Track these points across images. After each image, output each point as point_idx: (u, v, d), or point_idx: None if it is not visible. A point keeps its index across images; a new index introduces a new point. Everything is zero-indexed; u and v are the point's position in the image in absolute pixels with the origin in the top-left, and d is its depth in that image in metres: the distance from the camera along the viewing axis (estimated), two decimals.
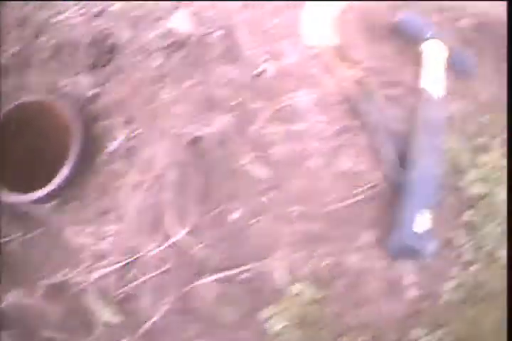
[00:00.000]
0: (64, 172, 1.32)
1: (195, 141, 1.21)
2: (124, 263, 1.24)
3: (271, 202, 1.23)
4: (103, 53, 1.41)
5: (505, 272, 1.48)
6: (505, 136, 1.53)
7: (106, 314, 1.24)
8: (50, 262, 1.37)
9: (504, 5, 1.66)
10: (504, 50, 1.64)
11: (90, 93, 1.38)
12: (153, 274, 1.21)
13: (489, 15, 1.77)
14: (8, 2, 1.61)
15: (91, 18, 1.46)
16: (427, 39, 1.52)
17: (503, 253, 1.47)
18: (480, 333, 1.45)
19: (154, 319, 1.21)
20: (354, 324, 1.28)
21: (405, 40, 1.55)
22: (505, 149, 1.51)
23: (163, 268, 1.20)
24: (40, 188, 1.34)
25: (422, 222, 1.26)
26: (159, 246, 1.20)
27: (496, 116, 1.54)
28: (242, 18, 1.39)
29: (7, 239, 1.41)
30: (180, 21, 1.36)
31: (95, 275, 1.27)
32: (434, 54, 1.51)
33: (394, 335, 1.34)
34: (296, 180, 1.25)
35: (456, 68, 1.55)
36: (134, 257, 1.23)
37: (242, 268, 1.19)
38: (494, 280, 1.45)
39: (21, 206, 1.41)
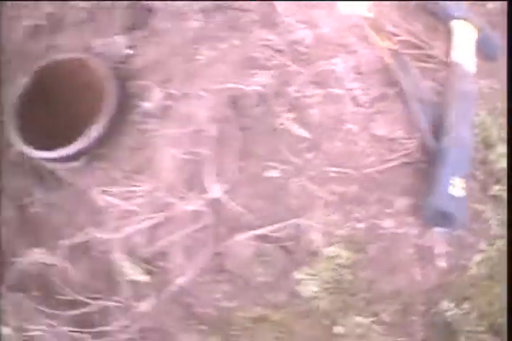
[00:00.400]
0: (94, 129, 1.32)
1: (235, 98, 1.23)
2: (155, 220, 1.23)
3: (308, 162, 1.24)
4: (140, 15, 1.43)
5: None
6: None
7: (134, 273, 1.23)
8: (74, 222, 1.35)
9: None
10: None
11: (126, 53, 1.40)
12: (186, 232, 1.20)
13: None
14: None
15: None
16: (456, 18, 1.58)
17: None
18: (503, 310, 1.47)
19: (184, 278, 1.21)
20: (386, 291, 1.29)
21: (436, 18, 1.61)
22: None
23: (197, 226, 1.20)
24: (69, 145, 1.34)
25: (456, 188, 1.28)
26: (194, 203, 1.20)
27: None
28: None
29: (31, 198, 1.40)
30: None
31: (122, 233, 1.26)
32: (464, 32, 1.56)
33: (423, 306, 1.35)
34: (332, 142, 1.27)
35: (483, 49, 1.61)
36: (167, 214, 1.22)
37: (277, 226, 1.20)
38: None
39: (47, 165, 1.40)
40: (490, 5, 1.74)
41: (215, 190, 1.18)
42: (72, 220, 1.36)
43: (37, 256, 1.31)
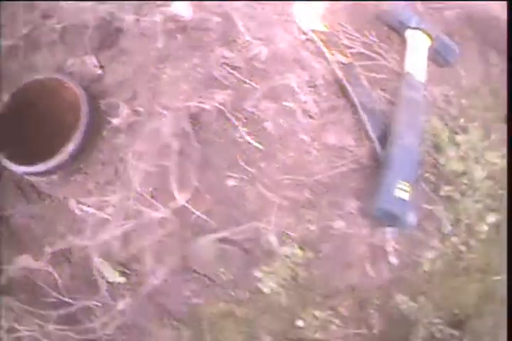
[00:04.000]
0: (71, 145, 1.66)
1: (196, 114, 1.56)
2: (127, 227, 1.57)
3: (264, 171, 1.58)
4: (108, 36, 1.77)
5: (484, 247, 1.84)
6: (484, 118, 1.91)
7: (111, 275, 1.57)
8: (54, 231, 1.69)
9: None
10: (487, 41, 2.03)
11: (95, 72, 1.73)
12: (156, 237, 1.54)
13: (473, 7, 2.17)
14: None
15: (96, 2, 1.82)
16: (411, 28, 1.91)
17: (482, 228, 1.83)
18: (458, 303, 1.81)
19: (156, 279, 1.55)
20: (341, 287, 1.63)
21: (391, 28, 1.93)
22: (483, 132, 1.89)
23: (165, 232, 1.54)
24: (48, 160, 1.68)
25: (401, 191, 1.61)
26: (161, 211, 1.53)
27: (475, 100, 1.92)
28: (238, 5, 1.76)
29: (12, 209, 1.74)
30: (181, 7, 1.73)
31: (99, 240, 1.60)
32: (417, 42, 1.89)
33: (378, 300, 1.69)
34: (286, 152, 1.60)
35: (439, 55, 1.94)
36: (137, 222, 1.56)
37: (238, 230, 1.54)
38: (473, 253, 1.81)
39: (27, 178, 1.75)
40: (447, 12, 2.06)
41: (180, 199, 1.52)
42: (53, 229, 1.70)
43: (23, 262, 1.66)
